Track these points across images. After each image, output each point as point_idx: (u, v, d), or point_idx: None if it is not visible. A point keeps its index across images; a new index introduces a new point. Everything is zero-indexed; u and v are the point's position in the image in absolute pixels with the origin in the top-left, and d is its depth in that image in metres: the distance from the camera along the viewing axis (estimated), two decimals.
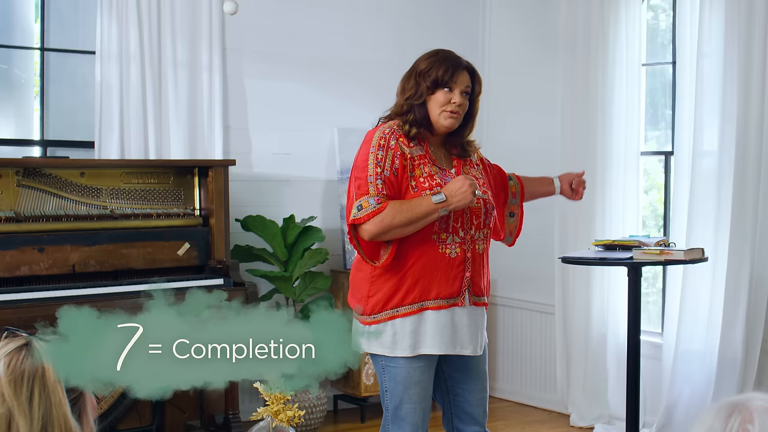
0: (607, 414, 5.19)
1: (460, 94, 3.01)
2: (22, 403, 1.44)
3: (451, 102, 2.99)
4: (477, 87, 3.08)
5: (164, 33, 4.88)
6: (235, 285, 4.50)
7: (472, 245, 3.00)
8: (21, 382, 1.45)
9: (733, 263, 4.58)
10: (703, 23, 4.64)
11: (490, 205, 3.06)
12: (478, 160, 3.19)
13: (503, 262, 5.82)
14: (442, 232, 2.94)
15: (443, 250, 2.95)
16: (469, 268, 2.98)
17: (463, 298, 2.97)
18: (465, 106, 3.03)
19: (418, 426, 3.00)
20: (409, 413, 2.99)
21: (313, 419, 4.94)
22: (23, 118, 4.94)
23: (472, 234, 2.99)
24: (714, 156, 4.67)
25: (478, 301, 3.03)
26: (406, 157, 2.95)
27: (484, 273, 3.07)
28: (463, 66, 3.06)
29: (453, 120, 3.01)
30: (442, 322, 2.95)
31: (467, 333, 2.99)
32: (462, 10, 5.91)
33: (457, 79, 3.02)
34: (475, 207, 2.98)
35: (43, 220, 4.28)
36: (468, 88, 3.04)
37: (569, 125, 5.30)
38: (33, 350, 1.49)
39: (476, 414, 3.12)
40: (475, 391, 3.10)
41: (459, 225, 2.96)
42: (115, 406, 4.47)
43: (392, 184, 2.92)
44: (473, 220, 2.99)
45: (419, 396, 2.98)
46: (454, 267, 2.95)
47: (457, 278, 2.96)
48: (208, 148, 5.00)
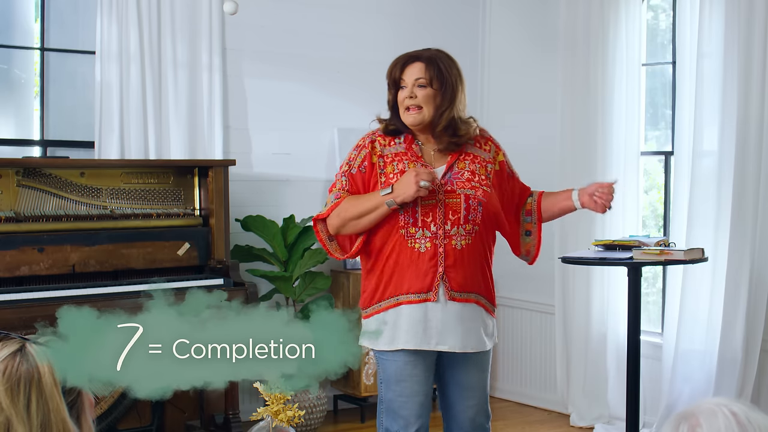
0: (607, 414, 5.19)
1: (411, 87, 2.98)
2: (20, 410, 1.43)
3: (405, 98, 3.00)
4: (436, 74, 2.98)
5: (164, 33, 4.88)
6: (235, 285, 4.50)
7: (447, 240, 2.95)
8: (18, 389, 1.44)
9: (733, 263, 4.58)
10: (703, 23, 4.64)
11: (476, 202, 2.99)
12: (492, 159, 3.11)
13: (503, 262, 5.80)
14: (410, 226, 2.96)
15: (412, 245, 2.96)
16: (442, 264, 2.95)
17: (435, 293, 2.95)
18: (424, 97, 2.97)
19: (410, 421, 2.99)
20: (400, 407, 3.00)
21: (313, 419, 4.94)
22: (23, 118, 4.94)
23: (447, 229, 2.95)
24: (714, 156, 4.67)
25: (459, 297, 2.97)
26: (377, 155, 3.02)
27: (469, 269, 2.99)
28: (416, 59, 3.01)
29: (413, 116, 2.99)
30: (416, 317, 2.96)
31: (445, 329, 2.97)
32: (462, 10, 5.91)
33: (406, 74, 3.01)
34: (452, 202, 2.96)
35: (43, 220, 4.28)
36: (422, 79, 2.98)
37: (569, 125, 5.30)
38: (27, 355, 1.48)
39: (460, 422, 3.08)
40: (460, 398, 3.08)
41: (430, 220, 2.96)
42: (115, 406, 4.47)
43: (355, 181, 3.01)
44: (449, 215, 2.96)
45: (411, 390, 2.98)
46: (425, 262, 2.95)
47: (428, 273, 2.95)
48: (208, 148, 5.00)
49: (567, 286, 5.31)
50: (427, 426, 3.06)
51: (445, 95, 2.99)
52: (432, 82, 2.98)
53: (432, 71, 2.98)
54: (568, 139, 5.31)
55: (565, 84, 5.32)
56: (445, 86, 2.99)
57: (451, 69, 3.02)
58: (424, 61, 3.00)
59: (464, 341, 3.00)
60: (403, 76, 3.01)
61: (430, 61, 3.00)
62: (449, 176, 3.02)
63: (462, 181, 3.01)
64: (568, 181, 5.30)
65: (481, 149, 3.10)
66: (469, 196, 2.99)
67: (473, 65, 5.96)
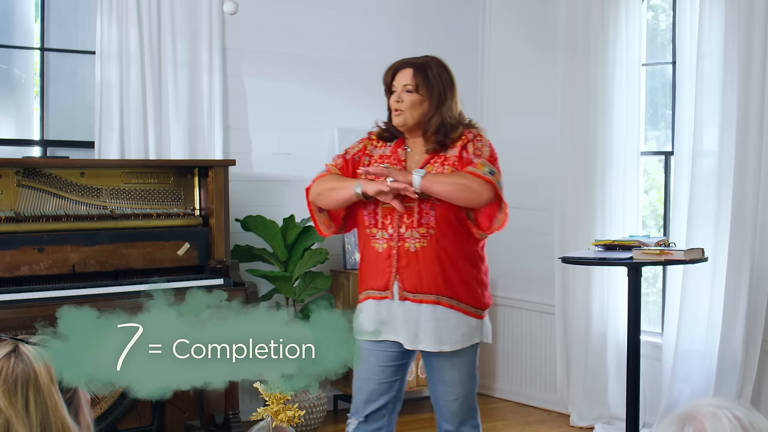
0: (607, 414, 5.19)
1: (399, 92, 3.13)
2: (19, 410, 1.42)
3: (393, 102, 3.15)
4: (423, 80, 3.12)
5: (164, 33, 4.88)
6: (235, 285, 4.50)
7: (401, 243, 3.08)
8: (15, 390, 1.44)
9: (733, 263, 4.58)
10: (703, 23, 4.64)
11: (429, 206, 3.08)
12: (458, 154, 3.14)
13: (503, 262, 5.82)
14: (372, 227, 3.13)
15: (374, 244, 3.14)
16: (395, 265, 3.08)
17: (391, 292, 3.11)
18: (409, 101, 3.11)
19: (360, 406, 3.21)
20: (355, 391, 3.24)
21: (313, 419, 4.94)
22: (23, 118, 4.94)
23: (401, 232, 3.08)
24: (714, 156, 4.67)
25: (412, 297, 3.09)
26: (367, 153, 3.21)
27: (424, 271, 3.08)
28: (407, 65, 3.16)
29: (396, 117, 3.14)
30: (375, 310, 3.15)
31: (396, 325, 3.12)
32: (462, 10, 5.91)
33: (396, 79, 3.17)
34: (408, 206, 3.07)
35: (43, 220, 4.28)
36: (409, 85, 3.12)
37: (569, 125, 5.30)
38: (22, 355, 1.48)
39: (445, 413, 3.20)
40: (443, 393, 3.18)
41: (389, 222, 3.11)
42: (115, 406, 4.47)
43: (348, 165, 3.22)
44: (404, 219, 3.08)
45: (364, 377, 3.19)
46: (381, 261, 3.12)
47: (384, 272, 3.12)
48: (208, 148, 5.00)
49: (567, 286, 5.31)
50: (387, 415, 3.22)
51: (432, 101, 3.13)
52: (418, 88, 3.13)
53: (419, 78, 3.13)
54: (568, 139, 5.31)
55: (565, 84, 5.32)
56: (432, 92, 3.13)
57: (441, 76, 3.16)
58: (414, 67, 3.15)
59: (417, 339, 3.11)
60: (393, 81, 3.17)
61: (420, 68, 3.15)
62: None
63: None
64: (568, 180, 5.31)
65: (453, 147, 3.16)
66: (422, 200, 3.08)
67: (473, 65, 5.96)
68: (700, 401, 1.40)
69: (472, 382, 3.20)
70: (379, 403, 3.21)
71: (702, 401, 1.41)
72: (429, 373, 3.22)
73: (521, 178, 5.72)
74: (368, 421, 3.22)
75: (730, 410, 1.36)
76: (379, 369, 3.18)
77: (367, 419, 3.22)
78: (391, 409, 3.24)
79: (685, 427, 1.36)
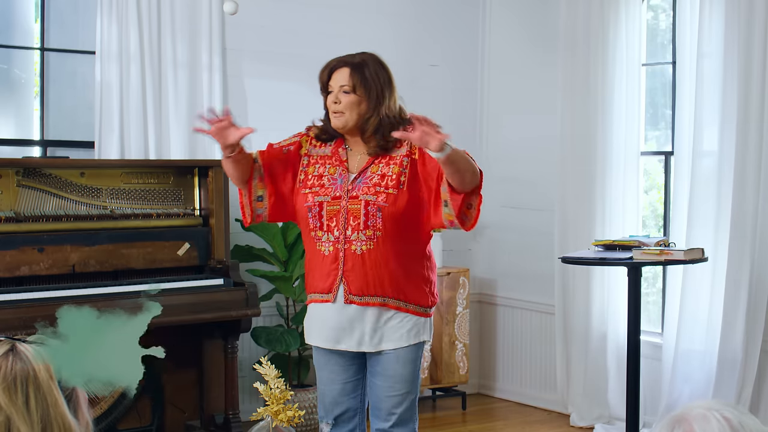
0: (607, 414, 5.19)
1: (336, 93, 3.05)
2: (20, 408, 1.43)
3: (331, 103, 3.07)
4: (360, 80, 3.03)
5: (164, 33, 4.88)
6: (235, 285, 4.50)
7: (347, 245, 3.03)
8: (15, 388, 1.44)
9: (733, 263, 4.58)
10: (703, 23, 4.64)
11: (376, 208, 3.01)
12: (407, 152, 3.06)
13: (503, 262, 5.82)
14: (317, 230, 3.07)
15: (319, 247, 3.08)
16: (342, 267, 3.04)
17: (334, 295, 3.06)
18: (347, 102, 3.03)
19: (328, 408, 3.17)
20: (321, 395, 3.21)
21: (313, 419, 4.94)
22: (23, 118, 4.94)
23: (348, 234, 3.03)
24: (714, 156, 4.67)
25: (358, 301, 3.05)
26: (305, 153, 3.15)
27: (371, 274, 3.03)
28: (343, 65, 3.07)
29: (336, 119, 3.06)
30: (321, 315, 3.12)
31: (342, 330, 3.08)
32: (462, 10, 5.91)
33: (333, 79, 3.08)
34: (354, 208, 3.02)
35: (43, 220, 4.28)
36: (346, 86, 3.04)
37: (569, 125, 5.30)
38: (20, 354, 1.48)
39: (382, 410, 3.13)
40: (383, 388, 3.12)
41: (334, 225, 3.05)
42: (115, 406, 4.47)
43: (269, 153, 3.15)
44: (350, 221, 3.03)
45: (327, 379, 3.17)
46: (327, 264, 3.06)
47: (330, 275, 3.06)
48: (208, 148, 5.00)
49: (567, 286, 5.31)
50: (357, 415, 3.19)
51: (369, 101, 3.05)
52: (356, 89, 3.04)
53: (356, 78, 3.04)
54: (568, 139, 5.31)
55: (565, 84, 5.32)
56: (370, 92, 3.04)
57: (378, 74, 3.07)
58: (350, 66, 3.06)
59: (361, 341, 3.08)
60: (330, 81, 3.09)
61: (356, 68, 3.06)
62: (359, 181, 3.06)
63: (368, 186, 3.05)
64: (568, 180, 5.31)
65: (399, 147, 3.08)
66: (369, 202, 3.02)
67: (473, 65, 5.96)
68: (692, 404, 1.41)
69: (414, 382, 3.14)
70: (346, 404, 3.17)
71: (694, 403, 1.41)
72: (370, 368, 3.15)
73: (521, 178, 5.73)
74: (338, 423, 3.17)
75: (719, 411, 1.37)
76: (341, 369, 3.15)
77: (337, 421, 3.17)
78: (360, 409, 3.20)
79: (675, 429, 1.37)
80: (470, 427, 5.31)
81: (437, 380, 5.48)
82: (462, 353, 5.53)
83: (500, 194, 5.83)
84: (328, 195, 3.06)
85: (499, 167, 5.85)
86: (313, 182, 3.10)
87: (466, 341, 5.55)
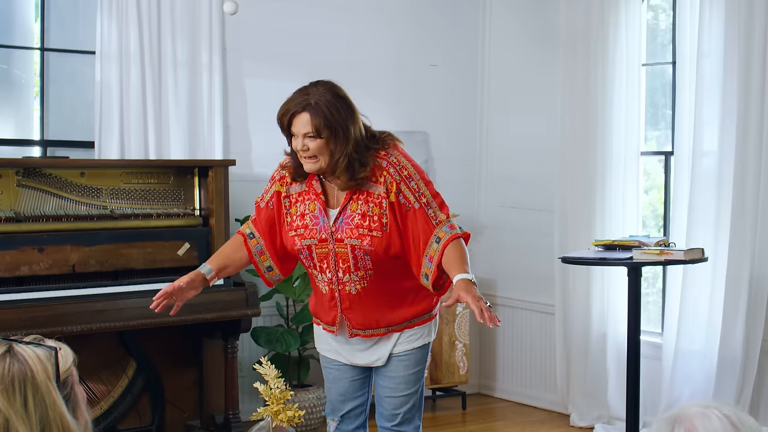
0: (607, 414, 5.19)
1: (302, 140, 2.90)
2: (18, 409, 1.42)
3: (299, 150, 2.92)
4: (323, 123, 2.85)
5: (164, 33, 4.88)
6: (235, 285, 4.50)
7: (341, 286, 3.00)
8: (13, 389, 1.43)
9: (733, 263, 4.58)
10: (703, 23, 4.64)
11: (363, 252, 2.93)
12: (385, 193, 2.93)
13: (503, 262, 5.82)
14: (312, 268, 3.04)
15: (318, 285, 3.07)
16: (339, 306, 3.03)
17: (338, 329, 3.08)
18: (315, 148, 2.88)
19: (335, 406, 3.19)
20: (327, 391, 3.23)
21: (313, 419, 4.94)
22: (23, 118, 4.94)
23: (339, 276, 2.99)
24: (714, 156, 4.67)
25: (363, 334, 3.06)
26: (284, 194, 3.07)
27: (370, 310, 3.02)
28: (301, 109, 2.90)
29: (311, 164, 2.92)
30: (328, 337, 3.16)
31: (352, 354, 3.12)
32: (462, 10, 5.91)
33: (294, 126, 2.93)
34: (341, 251, 2.95)
35: (43, 220, 4.28)
36: (310, 132, 2.88)
37: (569, 125, 5.30)
38: (17, 354, 1.47)
39: (387, 409, 3.15)
40: (388, 389, 3.14)
41: (326, 266, 2.99)
42: (115, 406, 4.47)
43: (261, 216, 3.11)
44: (340, 263, 2.97)
45: (333, 376, 3.18)
46: (326, 301, 3.07)
47: (331, 311, 3.07)
48: (208, 148, 5.00)
49: (567, 286, 5.31)
50: (364, 412, 3.20)
51: (337, 141, 2.88)
52: (320, 132, 2.88)
53: (318, 121, 2.87)
54: (568, 139, 5.31)
55: (565, 84, 5.32)
56: (335, 132, 2.88)
57: (339, 111, 2.89)
58: (309, 110, 2.89)
59: (373, 358, 3.11)
60: (292, 128, 2.94)
61: (315, 111, 2.88)
62: (341, 221, 2.96)
63: (351, 228, 2.94)
64: (568, 180, 5.31)
65: (376, 183, 2.95)
66: (355, 246, 2.93)
67: (473, 65, 5.96)
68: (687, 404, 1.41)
69: (419, 382, 3.15)
70: (352, 402, 3.18)
71: (688, 404, 1.41)
72: (375, 369, 3.16)
73: (521, 178, 5.73)
74: (344, 420, 3.18)
75: (718, 409, 1.36)
76: (348, 368, 3.16)
77: (344, 418, 3.18)
78: (366, 408, 3.21)
79: (676, 427, 1.36)
80: (470, 427, 5.31)
81: (437, 380, 5.48)
82: (462, 353, 5.53)
83: (500, 194, 5.83)
84: (314, 238, 2.98)
85: (499, 167, 5.86)
86: (298, 224, 3.02)
87: (466, 341, 5.55)
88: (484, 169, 5.95)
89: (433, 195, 2.97)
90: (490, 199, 5.91)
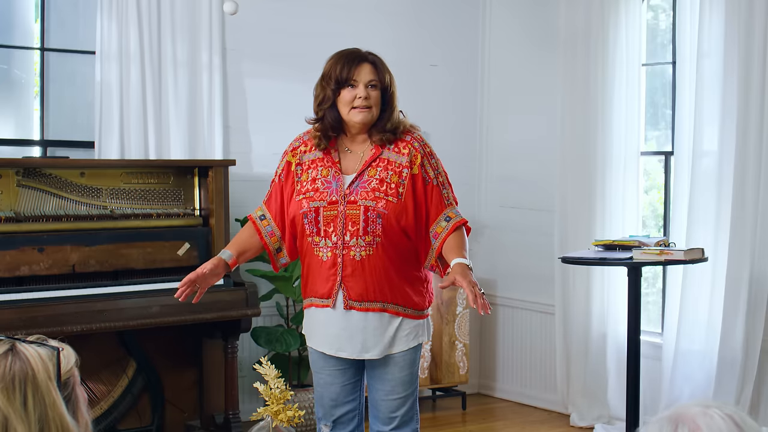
0: (607, 414, 5.19)
1: (364, 88, 3.04)
2: (17, 408, 1.42)
3: (357, 98, 3.03)
4: (385, 76, 3.07)
5: (164, 33, 4.88)
6: (235, 285, 4.50)
7: (346, 251, 3.00)
8: (13, 388, 1.43)
9: (733, 263, 4.58)
10: (703, 23, 4.64)
11: (376, 214, 2.98)
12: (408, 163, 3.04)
13: (503, 262, 5.82)
14: (314, 235, 3.04)
15: (317, 253, 3.05)
16: (340, 273, 3.01)
17: (333, 301, 3.03)
18: (375, 98, 3.04)
19: (327, 411, 3.15)
20: (320, 395, 3.17)
21: (313, 419, 4.94)
22: (23, 118, 4.94)
23: (346, 240, 2.99)
24: (714, 156, 4.67)
25: (358, 306, 3.03)
26: (296, 162, 3.13)
27: (370, 279, 3.01)
28: (363, 60, 3.08)
29: (363, 114, 3.03)
30: (321, 321, 3.09)
31: (342, 337, 3.07)
32: (462, 10, 5.91)
33: (357, 74, 3.05)
34: (352, 213, 2.98)
35: (43, 220, 4.28)
36: (374, 81, 3.05)
37: (569, 125, 5.31)
38: (19, 353, 1.47)
39: (383, 412, 3.14)
40: (383, 392, 3.12)
41: (332, 230, 3.01)
42: (115, 406, 4.47)
43: (275, 191, 3.18)
44: (348, 226, 2.99)
45: (325, 381, 3.15)
46: (325, 270, 3.04)
47: (329, 280, 3.04)
48: (208, 148, 5.00)
49: (567, 286, 5.31)
50: (355, 418, 3.18)
51: (391, 95, 3.08)
52: (382, 82, 3.07)
53: (380, 74, 3.07)
54: (568, 139, 5.31)
55: (565, 84, 5.32)
56: (391, 86, 3.09)
57: (390, 72, 3.12)
58: (370, 63, 3.08)
59: (363, 349, 3.07)
60: (354, 76, 3.05)
61: (376, 65, 3.09)
62: (356, 185, 3.03)
63: (367, 191, 3.01)
64: (568, 180, 5.31)
65: (399, 153, 3.06)
66: (369, 207, 2.99)
67: (473, 65, 5.96)
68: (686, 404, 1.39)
69: (413, 383, 3.14)
70: (345, 407, 3.15)
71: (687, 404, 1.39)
72: (368, 371, 3.15)
73: (521, 178, 5.74)
74: (337, 425, 3.16)
75: (719, 408, 1.35)
76: (339, 372, 3.13)
77: (336, 423, 3.16)
78: (359, 410, 3.19)
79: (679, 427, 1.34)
80: (470, 427, 5.31)
81: (437, 380, 5.48)
82: (462, 353, 5.53)
83: (500, 194, 5.83)
84: (324, 200, 3.02)
85: (499, 167, 5.86)
86: (308, 187, 3.06)
87: (466, 341, 5.55)
88: (484, 169, 5.95)
89: (448, 181, 3.14)
90: (490, 199, 5.91)
